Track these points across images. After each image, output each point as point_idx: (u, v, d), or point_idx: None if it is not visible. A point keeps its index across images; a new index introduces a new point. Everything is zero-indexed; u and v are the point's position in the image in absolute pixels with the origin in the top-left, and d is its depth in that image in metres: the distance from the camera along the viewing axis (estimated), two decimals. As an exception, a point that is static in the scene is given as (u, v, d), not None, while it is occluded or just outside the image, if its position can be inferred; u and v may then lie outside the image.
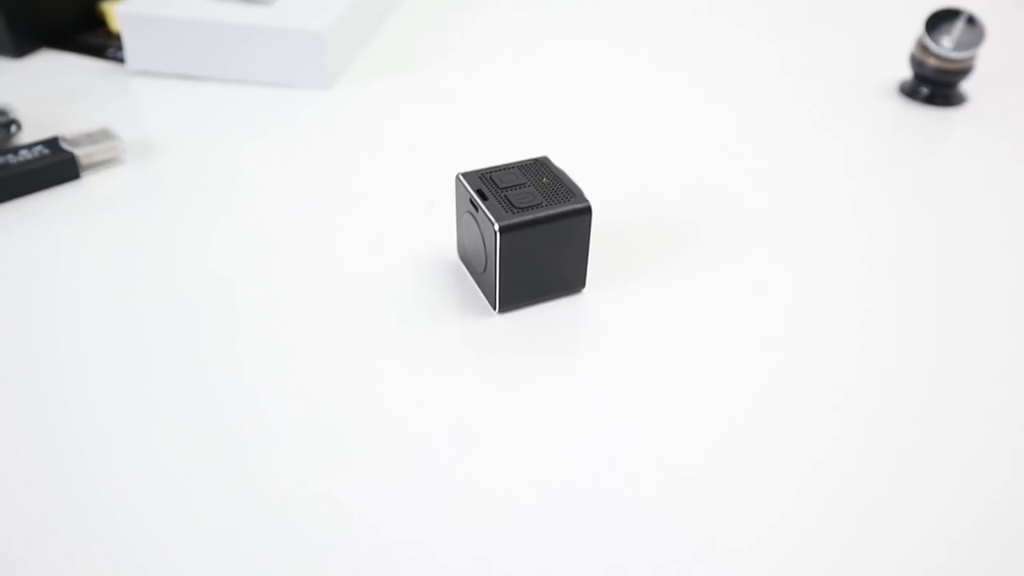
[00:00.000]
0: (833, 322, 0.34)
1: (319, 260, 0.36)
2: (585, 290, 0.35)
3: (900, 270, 0.37)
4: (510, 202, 0.32)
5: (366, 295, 0.34)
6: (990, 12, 0.65)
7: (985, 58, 0.55)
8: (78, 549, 0.24)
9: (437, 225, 0.38)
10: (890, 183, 0.43)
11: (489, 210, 0.31)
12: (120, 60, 0.53)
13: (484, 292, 0.34)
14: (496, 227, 0.31)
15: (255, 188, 0.41)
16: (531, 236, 0.31)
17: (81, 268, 0.36)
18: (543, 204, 0.32)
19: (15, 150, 0.41)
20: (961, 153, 0.47)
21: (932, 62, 0.50)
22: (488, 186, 0.33)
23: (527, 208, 0.31)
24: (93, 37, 0.56)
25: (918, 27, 0.55)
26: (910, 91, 0.52)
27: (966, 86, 0.53)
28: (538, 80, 0.52)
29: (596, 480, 0.27)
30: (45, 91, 0.50)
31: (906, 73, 0.54)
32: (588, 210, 0.32)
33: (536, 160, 0.34)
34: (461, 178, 0.33)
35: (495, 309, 0.33)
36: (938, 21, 0.50)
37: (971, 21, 0.50)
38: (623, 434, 0.28)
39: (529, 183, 0.33)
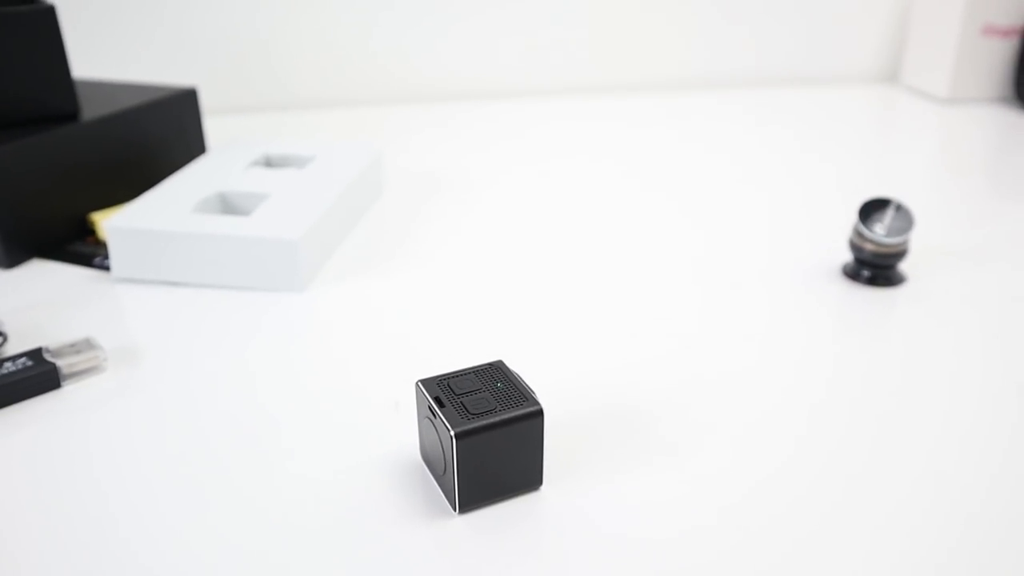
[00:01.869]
0: (793, 510, 0.35)
1: (290, 463, 0.38)
2: (543, 487, 0.36)
3: (854, 453, 0.38)
4: (466, 408, 0.34)
5: (334, 497, 0.36)
6: (920, 191, 0.70)
7: (920, 238, 0.59)
8: None
9: (403, 426, 0.40)
10: (841, 367, 0.46)
11: (446, 417, 0.33)
12: (106, 268, 0.56)
13: (445, 493, 0.35)
14: (452, 433, 0.32)
15: (229, 393, 0.43)
16: (486, 440, 0.33)
17: (53, 476, 0.37)
18: (497, 409, 0.34)
19: (0, 362, 0.43)
20: (906, 333, 0.49)
21: (869, 247, 0.53)
22: (445, 393, 0.35)
23: (481, 414, 0.33)
24: (82, 245, 0.60)
25: (854, 212, 0.59)
26: (852, 274, 0.55)
27: (904, 266, 0.56)
28: (504, 276, 0.56)
29: None
30: (33, 300, 0.52)
31: (847, 256, 0.57)
32: (540, 413, 0.34)
33: (491, 364, 0.37)
34: (420, 385, 0.35)
35: (455, 510, 0.34)
36: (870, 210, 0.54)
37: (899, 208, 0.54)
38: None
39: (484, 388, 0.35)
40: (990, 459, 0.38)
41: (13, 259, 0.57)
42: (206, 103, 0.90)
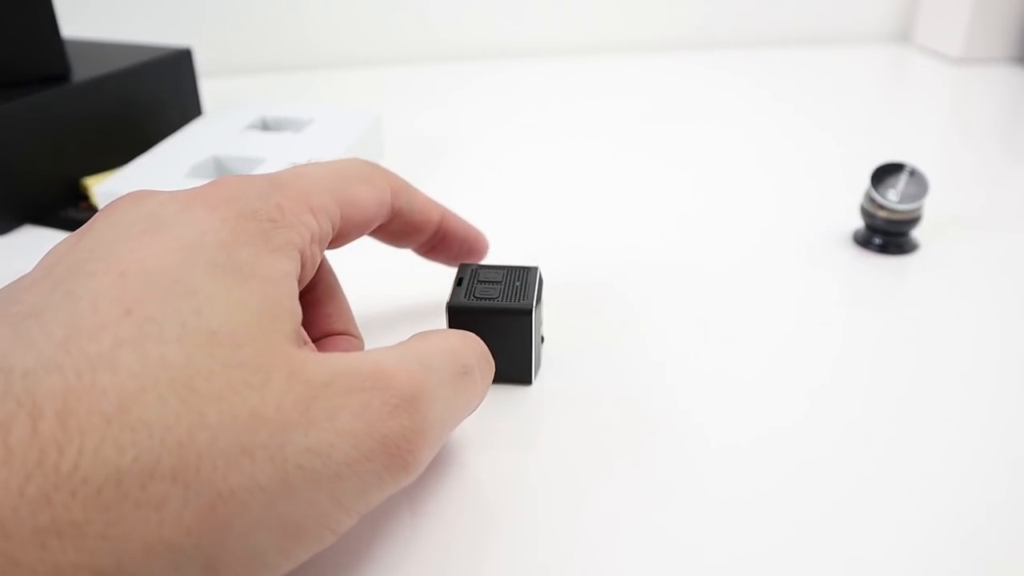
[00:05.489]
0: (803, 497, 0.34)
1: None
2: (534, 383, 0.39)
3: (871, 425, 0.37)
4: (473, 292, 0.37)
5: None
6: (933, 155, 0.68)
7: (933, 204, 0.58)
8: None
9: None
10: (851, 336, 0.44)
11: (452, 292, 0.37)
12: (99, 235, 0.55)
13: None
14: (447, 305, 0.36)
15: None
16: (474, 322, 0.36)
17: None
18: (496, 299, 0.37)
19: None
20: (920, 301, 0.48)
21: (882, 214, 0.52)
22: (469, 277, 0.38)
23: (481, 299, 0.37)
24: (75, 211, 0.58)
25: (865, 176, 0.57)
26: (863, 241, 0.54)
27: (917, 233, 0.55)
28: (501, 250, 0.54)
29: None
30: (25, 269, 0.51)
31: (858, 223, 0.56)
32: (527, 312, 0.36)
33: (525, 268, 0.39)
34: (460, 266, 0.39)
35: None
36: (883, 175, 0.52)
37: (913, 174, 0.52)
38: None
39: (504, 283, 0.38)
40: (1011, 433, 0.37)
41: (4, 226, 0.56)
42: (203, 64, 0.88)
